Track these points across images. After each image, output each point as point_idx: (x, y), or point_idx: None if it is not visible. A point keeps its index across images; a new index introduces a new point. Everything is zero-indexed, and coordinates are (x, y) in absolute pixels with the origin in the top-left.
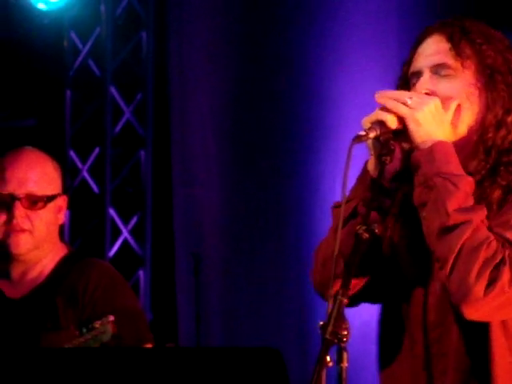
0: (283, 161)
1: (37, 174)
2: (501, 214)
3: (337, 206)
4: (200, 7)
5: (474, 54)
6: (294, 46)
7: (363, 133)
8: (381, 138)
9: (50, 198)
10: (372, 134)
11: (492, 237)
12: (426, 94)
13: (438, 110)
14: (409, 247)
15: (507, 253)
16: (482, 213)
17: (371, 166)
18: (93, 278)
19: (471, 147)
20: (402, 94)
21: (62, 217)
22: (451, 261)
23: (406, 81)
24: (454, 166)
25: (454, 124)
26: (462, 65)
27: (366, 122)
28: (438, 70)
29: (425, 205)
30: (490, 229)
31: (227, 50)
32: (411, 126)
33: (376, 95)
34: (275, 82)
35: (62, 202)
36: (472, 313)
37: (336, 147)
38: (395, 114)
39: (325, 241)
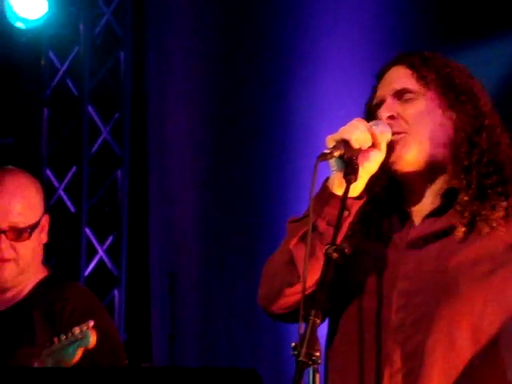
0: (258, 180)
1: (20, 205)
2: None
3: (293, 221)
4: (178, 27)
5: (436, 77)
6: (273, 65)
7: (328, 151)
8: (345, 157)
9: (34, 226)
10: (337, 153)
11: None
12: (390, 117)
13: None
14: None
15: None
16: None
17: (332, 183)
18: (71, 301)
19: (447, 166)
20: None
21: (45, 236)
22: None
23: (370, 117)
24: None
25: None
26: (425, 87)
27: (330, 140)
28: (399, 95)
29: None
30: None
31: (205, 69)
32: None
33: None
34: (253, 102)
35: (44, 221)
36: None
37: (310, 164)
38: (372, 134)
39: (277, 253)
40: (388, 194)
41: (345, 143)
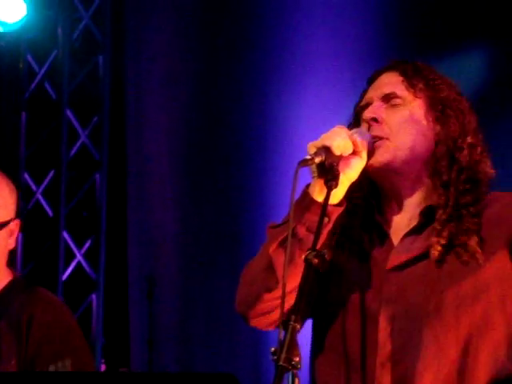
0: (238, 185)
1: None
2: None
3: (273, 226)
4: (157, 32)
5: (426, 88)
6: (254, 69)
7: (309, 157)
8: (326, 163)
9: (3, 225)
10: (318, 159)
11: None
12: (373, 119)
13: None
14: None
15: None
16: None
17: (312, 189)
18: (37, 314)
19: (425, 179)
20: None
21: (13, 242)
22: None
23: (356, 122)
24: None
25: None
26: (414, 95)
27: (312, 146)
28: (387, 99)
29: None
30: None
31: (185, 74)
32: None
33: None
34: (232, 107)
35: (14, 226)
36: None
37: (290, 169)
38: (353, 141)
39: (256, 259)
40: (367, 207)
41: (326, 150)
